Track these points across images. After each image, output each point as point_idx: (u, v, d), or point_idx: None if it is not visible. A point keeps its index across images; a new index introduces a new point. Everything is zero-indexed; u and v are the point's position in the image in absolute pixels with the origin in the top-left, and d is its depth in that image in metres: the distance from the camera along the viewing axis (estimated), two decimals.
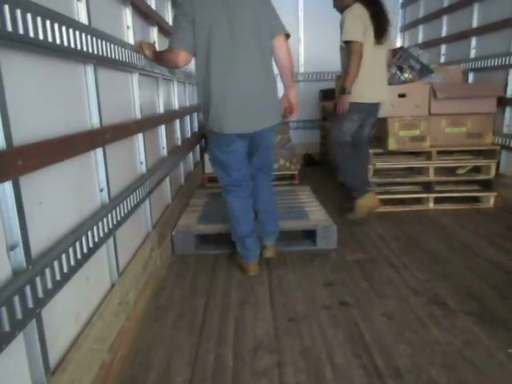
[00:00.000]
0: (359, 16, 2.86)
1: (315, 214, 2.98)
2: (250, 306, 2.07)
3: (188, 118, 3.97)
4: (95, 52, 1.55)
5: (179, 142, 3.42)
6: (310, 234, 2.81)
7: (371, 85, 2.98)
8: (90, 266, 1.47)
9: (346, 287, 2.22)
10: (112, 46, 1.76)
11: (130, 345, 1.74)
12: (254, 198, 2.44)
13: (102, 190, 1.64)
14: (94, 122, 1.59)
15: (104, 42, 1.66)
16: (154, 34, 2.72)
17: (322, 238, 2.74)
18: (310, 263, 2.55)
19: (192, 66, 4.39)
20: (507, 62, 3.42)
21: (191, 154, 4.09)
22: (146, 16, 2.52)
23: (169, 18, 3.23)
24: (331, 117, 3.47)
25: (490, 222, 3.12)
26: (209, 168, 4.69)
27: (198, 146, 4.69)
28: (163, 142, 2.82)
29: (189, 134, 4.01)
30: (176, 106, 3.37)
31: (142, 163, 2.25)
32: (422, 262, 2.49)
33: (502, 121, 3.50)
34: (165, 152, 2.85)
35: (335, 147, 3.30)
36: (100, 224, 1.51)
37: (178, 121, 3.38)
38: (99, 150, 1.61)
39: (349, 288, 2.20)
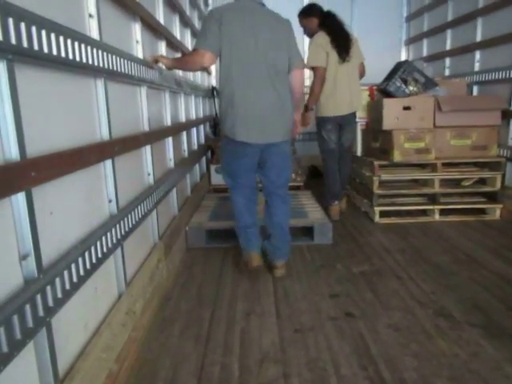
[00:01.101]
0: (320, 44, 3.36)
1: (313, 213, 3.29)
2: (255, 316, 2.08)
3: (194, 130, 4.01)
4: (105, 66, 1.59)
5: (186, 154, 3.46)
6: (308, 231, 3.10)
7: (332, 100, 3.43)
8: (99, 276, 1.49)
9: (352, 299, 2.22)
10: (122, 60, 1.80)
11: (136, 355, 1.75)
12: (268, 218, 2.59)
13: (110, 201, 1.66)
14: (104, 134, 1.62)
15: (114, 57, 1.70)
16: (162, 47, 2.77)
17: (319, 234, 3.06)
18: (316, 275, 2.55)
19: (198, 78, 4.48)
20: (511, 75, 3.44)
21: (197, 165, 4.12)
22: (155, 30, 2.57)
23: (177, 33, 3.29)
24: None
25: (497, 234, 3.11)
26: (215, 179, 4.73)
27: (204, 158, 4.72)
28: (170, 153, 2.86)
29: (195, 146, 4.05)
30: (183, 118, 3.41)
31: (149, 175, 2.28)
32: (428, 273, 2.49)
33: (506, 133, 3.51)
34: (172, 164, 2.88)
35: (322, 156, 3.69)
36: (108, 234, 1.54)
37: (184, 133, 3.42)
38: (108, 162, 1.64)
39: (354, 299, 2.21)
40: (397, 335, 1.86)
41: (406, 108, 3.44)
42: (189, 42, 3.85)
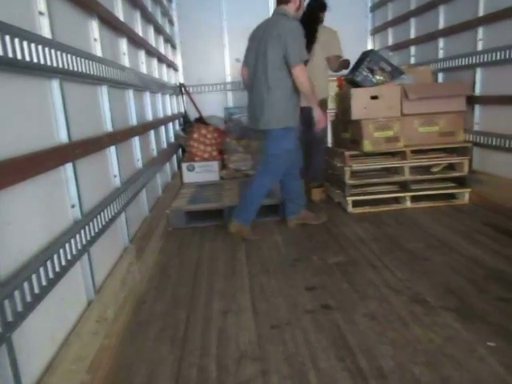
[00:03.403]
0: None
1: (278, 194, 3.50)
2: (232, 314, 2.05)
3: (163, 128, 3.94)
4: (60, 66, 1.53)
5: (155, 153, 3.40)
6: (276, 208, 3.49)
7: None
8: (65, 285, 1.43)
9: (328, 290, 2.22)
10: (78, 59, 1.73)
11: (110, 363, 1.70)
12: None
13: (73, 206, 1.60)
14: (62, 137, 1.56)
15: (69, 56, 1.63)
16: (123, 45, 2.70)
17: (283, 211, 3.37)
18: (292, 268, 2.54)
19: (165, 76, 4.40)
20: (474, 62, 3.50)
21: (168, 164, 4.06)
22: (114, 27, 2.50)
23: (139, 30, 3.21)
24: None
25: (466, 218, 3.17)
26: (187, 178, 4.69)
27: (175, 156, 4.66)
28: (138, 153, 2.79)
29: (165, 145, 3.98)
30: (150, 116, 3.34)
31: (115, 176, 2.22)
32: (402, 261, 2.51)
33: (472, 118, 3.57)
34: (140, 164, 2.82)
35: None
36: (73, 241, 1.48)
37: (152, 132, 3.35)
38: (69, 166, 1.58)
39: (330, 291, 2.21)
40: (373, 324, 1.87)
41: (374, 97, 3.46)
42: (152, 39, 3.77)
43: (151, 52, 3.59)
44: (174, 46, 5.24)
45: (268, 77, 2.81)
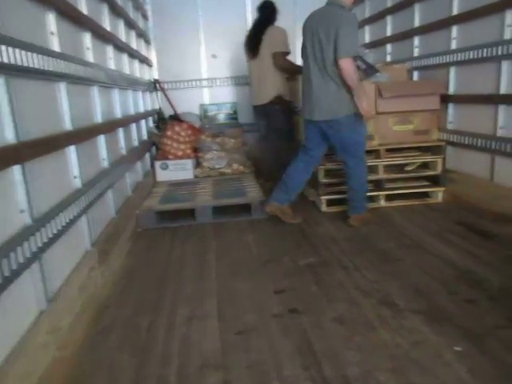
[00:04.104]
0: (244, 43, 3.95)
1: (252, 193, 3.71)
2: (197, 320, 1.98)
3: (134, 126, 3.83)
4: (5, 61, 1.43)
5: (124, 152, 3.29)
6: (249, 208, 3.47)
7: (253, 91, 3.97)
8: (10, 296, 1.34)
9: (297, 293, 2.16)
10: (30, 54, 1.63)
11: (64, 376, 1.61)
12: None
13: (22, 212, 1.51)
14: (8, 137, 1.46)
15: (18, 51, 1.53)
16: (86, 39, 2.59)
17: (256, 210, 3.42)
18: (262, 270, 2.48)
19: (137, 71, 4.28)
20: (448, 60, 3.49)
21: (140, 163, 3.95)
22: (76, 21, 2.39)
23: (106, 23, 3.10)
24: None
25: (439, 218, 3.16)
26: (160, 176, 4.58)
27: (148, 155, 4.55)
28: (103, 152, 2.70)
29: (136, 143, 3.87)
30: (118, 114, 3.23)
31: (76, 177, 2.12)
32: (373, 262, 2.48)
33: (446, 117, 3.57)
34: (106, 163, 2.72)
35: None
36: (19, 249, 1.39)
37: (121, 130, 3.25)
38: (16, 168, 1.48)
39: (299, 294, 2.15)
40: (340, 329, 1.82)
41: None
42: (122, 34, 3.65)
43: (121, 47, 3.48)
44: (147, 42, 5.11)
45: (326, 67, 2.83)
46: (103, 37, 2.95)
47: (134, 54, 4.04)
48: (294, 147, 4.10)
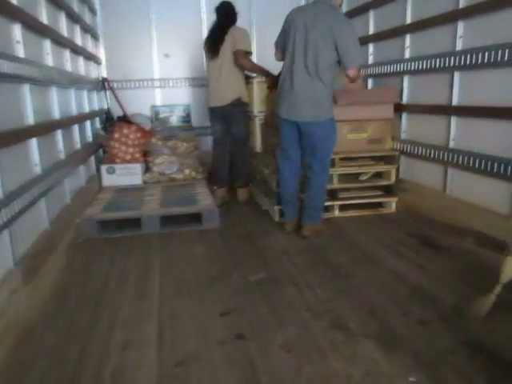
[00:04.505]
0: (204, 42, 3.84)
1: (204, 201, 3.54)
2: (133, 349, 1.79)
3: (77, 127, 3.56)
4: None
5: (62, 156, 3.03)
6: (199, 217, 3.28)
7: (211, 92, 3.79)
8: None
9: (245, 315, 2.01)
10: None
11: None
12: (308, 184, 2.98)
13: None
14: None
15: None
16: (16, 32, 2.32)
17: (207, 220, 3.25)
18: (209, 288, 2.32)
19: (82, 70, 4.00)
20: (401, 69, 3.47)
21: (83, 167, 3.68)
22: (2, 10, 2.13)
23: (43, 15, 2.82)
24: None
25: (392, 229, 3.12)
26: (106, 181, 4.32)
27: (93, 158, 4.26)
28: (35, 157, 2.44)
29: (79, 146, 3.60)
30: (56, 115, 2.97)
31: None
32: (325, 278, 2.37)
33: (399, 126, 3.54)
34: (38, 169, 2.47)
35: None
36: None
37: (59, 132, 2.99)
38: None
39: (247, 316, 2.01)
40: (289, 357, 1.69)
41: None
42: (64, 27, 3.37)
43: (61, 42, 3.21)
44: (96, 38, 4.81)
45: (317, 67, 2.69)
46: (38, 30, 2.69)
47: (77, 50, 3.77)
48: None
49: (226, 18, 3.66)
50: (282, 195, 3.08)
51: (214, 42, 3.64)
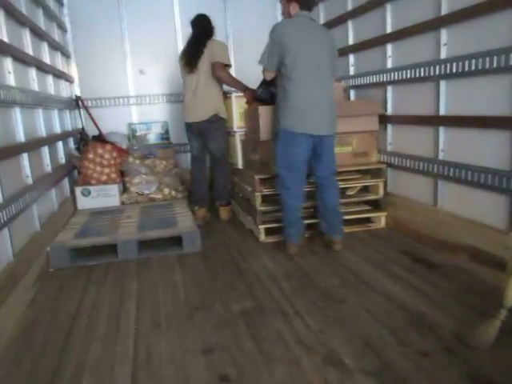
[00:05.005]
0: (179, 56, 3.70)
1: (184, 222, 3.35)
2: None
3: (46, 149, 3.34)
4: None
5: (30, 181, 2.82)
6: (179, 240, 3.10)
7: (187, 107, 3.63)
8: None
9: (229, 352, 1.82)
10: None
11: None
12: (322, 201, 2.92)
13: None
14: None
15: None
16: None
17: (188, 243, 3.07)
18: (189, 321, 2.12)
19: (51, 89, 3.80)
20: (384, 80, 3.36)
21: (54, 190, 3.45)
22: None
23: (1, 32, 2.64)
24: None
25: (382, 246, 2.97)
26: (81, 203, 4.10)
27: (66, 180, 4.04)
28: None
29: (49, 169, 3.38)
30: (21, 137, 2.76)
31: None
32: (316, 304, 2.20)
33: (385, 138, 3.43)
34: None
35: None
36: None
37: (25, 155, 2.78)
38: None
39: (232, 353, 1.82)
40: None
41: None
42: (29, 45, 3.18)
43: (24, 60, 3.01)
44: (66, 55, 4.62)
45: (328, 80, 2.80)
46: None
47: (44, 69, 3.57)
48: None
49: (203, 30, 3.53)
50: (287, 217, 2.90)
51: (192, 56, 3.50)
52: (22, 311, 2.29)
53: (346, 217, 3.28)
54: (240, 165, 3.76)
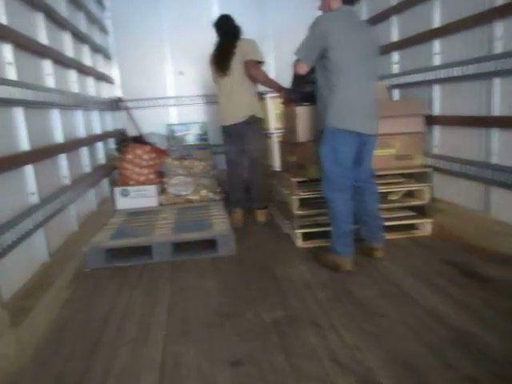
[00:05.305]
0: (210, 60, 3.60)
1: (219, 225, 3.28)
2: None
3: (85, 150, 3.39)
4: None
5: (67, 181, 2.85)
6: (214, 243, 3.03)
7: (223, 111, 3.57)
8: None
9: (258, 366, 1.73)
10: None
11: None
12: (363, 205, 2.74)
13: None
14: None
15: None
16: (6, 53, 2.15)
17: (222, 246, 3.01)
18: (219, 330, 2.05)
19: (92, 91, 3.86)
20: (430, 78, 3.16)
21: (93, 191, 3.50)
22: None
23: (42, 35, 2.67)
24: None
25: (427, 256, 2.78)
26: (120, 204, 4.14)
27: (106, 181, 4.09)
28: (31, 186, 2.25)
29: (88, 169, 3.43)
30: (60, 138, 2.79)
31: None
32: (353, 317, 2.07)
33: (431, 140, 3.22)
34: (35, 198, 2.28)
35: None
36: None
37: (63, 156, 2.81)
38: None
39: (260, 367, 1.72)
40: None
41: None
42: (69, 48, 3.23)
43: (65, 62, 3.06)
44: (108, 57, 4.70)
45: (374, 78, 2.70)
46: (34, 50, 2.52)
47: (85, 71, 3.62)
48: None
49: (230, 31, 3.48)
50: (340, 225, 2.61)
51: (223, 59, 3.43)
52: (56, 312, 2.29)
53: (389, 223, 3.11)
54: (277, 167, 3.66)
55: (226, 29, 3.48)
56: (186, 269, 2.85)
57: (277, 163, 3.68)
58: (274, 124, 3.60)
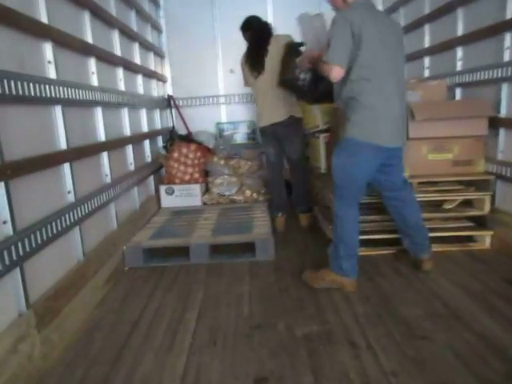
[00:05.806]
0: (242, 62, 3.46)
1: (259, 228, 3.21)
2: None
3: (131, 148, 3.40)
4: None
5: (108, 180, 2.85)
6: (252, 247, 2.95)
7: (260, 111, 3.42)
8: None
9: None
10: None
11: None
12: (401, 217, 2.53)
13: None
14: None
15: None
16: (47, 51, 2.17)
17: (261, 251, 2.92)
18: (247, 341, 1.94)
19: (141, 89, 3.88)
20: (499, 75, 2.85)
21: (136, 189, 3.51)
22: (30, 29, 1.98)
23: (87, 33, 2.69)
24: None
25: (485, 272, 2.51)
26: (165, 202, 4.16)
27: (151, 178, 4.11)
28: (68, 184, 2.26)
29: (132, 167, 3.44)
30: (102, 136, 2.80)
31: (6, 223, 1.68)
32: (392, 337, 1.88)
33: (495, 145, 2.91)
34: (71, 197, 2.28)
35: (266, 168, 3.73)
36: None
37: (105, 154, 2.82)
38: None
39: None
40: None
41: None
42: (117, 46, 3.25)
43: (111, 60, 3.08)
44: (160, 55, 4.74)
45: (403, 81, 2.37)
46: (80, 48, 2.53)
47: (133, 69, 3.64)
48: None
49: (260, 30, 3.34)
50: (347, 245, 2.35)
51: (256, 58, 3.29)
52: (88, 312, 2.29)
53: (442, 233, 2.87)
54: (323, 169, 3.50)
55: (255, 29, 3.35)
56: (222, 273, 2.78)
57: (323, 165, 3.51)
58: (323, 122, 3.45)
